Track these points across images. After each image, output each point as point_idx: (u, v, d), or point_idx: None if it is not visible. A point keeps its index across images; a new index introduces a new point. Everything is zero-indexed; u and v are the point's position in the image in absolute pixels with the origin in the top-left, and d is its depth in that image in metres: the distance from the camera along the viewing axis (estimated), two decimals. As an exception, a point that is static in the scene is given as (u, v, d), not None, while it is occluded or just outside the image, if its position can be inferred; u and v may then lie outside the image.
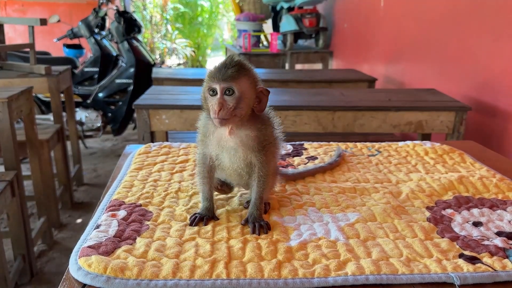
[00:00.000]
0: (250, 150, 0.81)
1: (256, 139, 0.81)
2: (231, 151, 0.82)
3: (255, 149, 0.81)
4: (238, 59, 0.78)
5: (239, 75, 0.77)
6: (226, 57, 0.80)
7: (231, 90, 0.76)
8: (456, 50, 2.34)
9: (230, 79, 0.76)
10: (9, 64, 2.61)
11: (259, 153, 0.82)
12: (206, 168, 0.86)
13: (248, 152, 0.82)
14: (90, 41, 3.79)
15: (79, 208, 2.73)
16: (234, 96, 0.76)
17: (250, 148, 0.81)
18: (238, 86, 0.76)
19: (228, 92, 0.76)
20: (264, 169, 0.83)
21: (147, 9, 8.17)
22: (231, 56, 0.79)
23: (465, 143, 1.40)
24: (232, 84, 0.76)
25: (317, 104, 2.01)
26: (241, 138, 0.81)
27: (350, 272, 0.67)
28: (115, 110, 3.77)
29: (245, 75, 0.78)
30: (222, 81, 0.76)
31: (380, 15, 3.37)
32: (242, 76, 0.77)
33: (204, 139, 0.84)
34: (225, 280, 0.65)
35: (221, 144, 0.82)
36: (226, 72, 0.76)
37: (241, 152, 0.82)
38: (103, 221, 0.81)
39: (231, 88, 0.76)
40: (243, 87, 0.77)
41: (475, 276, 0.67)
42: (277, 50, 4.38)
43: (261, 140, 0.81)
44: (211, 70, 0.78)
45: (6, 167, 1.83)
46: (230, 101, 0.76)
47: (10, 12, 6.16)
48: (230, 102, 0.76)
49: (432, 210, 0.90)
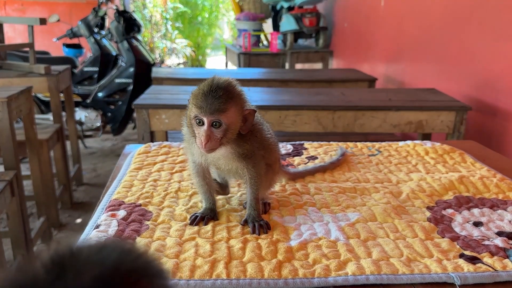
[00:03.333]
0: (232, 161, 0.81)
1: (236, 153, 0.80)
2: (216, 160, 0.82)
3: (236, 160, 0.81)
4: (225, 85, 0.74)
5: (226, 107, 0.73)
6: (211, 80, 0.75)
7: (219, 123, 0.74)
8: (456, 49, 2.33)
9: (218, 112, 0.73)
10: (8, 63, 2.60)
11: (243, 161, 0.81)
12: (200, 174, 0.86)
13: (230, 162, 0.82)
14: (89, 40, 3.78)
15: (78, 208, 2.73)
16: (222, 128, 0.74)
17: (231, 159, 0.81)
18: (225, 118, 0.74)
19: (215, 124, 0.74)
20: (252, 172, 0.82)
21: (146, 9, 8.16)
22: (216, 82, 0.74)
23: (466, 143, 1.40)
24: (220, 117, 0.73)
25: (317, 103, 2.01)
26: (221, 152, 0.80)
27: (350, 272, 0.67)
28: (114, 109, 3.76)
29: (232, 104, 0.74)
30: (210, 115, 0.73)
31: (380, 15, 3.36)
32: (229, 107, 0.74)
33: (189, 146, 0.84)
34: (225, 280, 0.65)
35: (205, 154, 0.81)
36: (213, 104, 0.72)
37: (224, 160, 0.82)
38: (102, 221, 0.81)
39: (219, 121, 0.74)
40: (230, 118, 0.74)
41: (476, 276, 0.67)
42: (277, 49, 4.38)
43: (241, 153, 0.80)
44: (197, 97, 0.74)
45: (6, 167, 1.83)
46: (217, 133, 0.74)
47: (10, 11, 6.15)
48: (218, 134, 0.74)
49: (433, 210, 0.90)
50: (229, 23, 10.41)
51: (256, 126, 0.83)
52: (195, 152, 0.83)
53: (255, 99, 2.10)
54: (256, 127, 0.83)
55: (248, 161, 0.81)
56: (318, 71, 3.63)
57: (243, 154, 0.80)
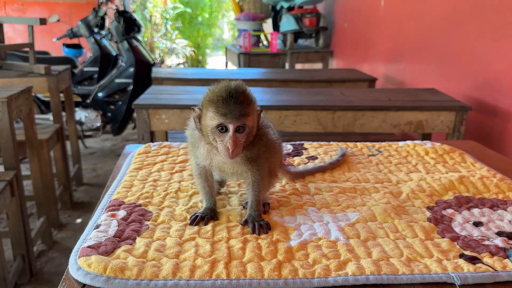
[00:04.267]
0: (238, 164, 0.82)
1: (244, 156, 0.80)
2: (220, 162, 0.82)
3: (242, 164, 0.81)
4: (242, 89, 0.74)
5: (249, 111, 0.74)
6: (225, 85, 0.74)
7: (243, 128, 0.75)
8: (456, 49, 2.33)
9: (243, 117, 0.73)
10: (8, 63, 2.60)
11: (249, 164, 0.81)
12: (202, 176, 0.86)
13: (236, 165, 0.82)
14: (89, 40, 3.78)
15: (78, 208, 2.73)
16: (245, 132, 0.75)
17: (237, 163, 0.81)
18: (248, 122, 0.75)
19: (239, 129, 0.74)
20: (257, 174, 0.83)
21: (147, 9, 8.17)
22: (233, 86, 0.73)
23: (466, 143, 1.40)
24: (244, 121, 0.74)
25: (317, 103, 2.01)
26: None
27: (350, 272, 0.67)
28: (114, 109, 3.76)
29: (252, 107, 0.75)
30: (236, 120, 0.73)
31: (380, 15, 3.36)
32: (251, 110, 0.75)
33: (194, 149, 0.84)
34: (225, 280, 0.65)
35: (210, 156, 0.82)
36: (237, 110, 0.72)
37: (230, 164, 0.82)
38: (102, 221, 0.81)
39: (244, 126, 0.74)
40: (252, 121, 0.76)
41: (476, 276, 0.67)
42: (277, 49, 4.38)
43: (248, 157, 0.81)
44: (218, 104, 0.73)
45: (6, 167, 1.83)
46: (241, 138, 0.75)
47: (10, 11, 6.16)
48: (242, 138, 0.75)
49: (433, 210, 0.90)
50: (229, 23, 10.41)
51: (262, 129, 0.83)
52: (200, 156, 0.83)
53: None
54: (263, 130, 0.83)
55: (253, 164, 0.81)
56: (318, 71, 3.63)
57: (250, 157, 0.81)
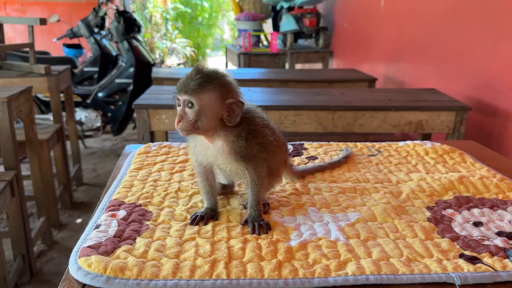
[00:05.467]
0: (229, 160, 0.81)
1: (232, 150, 0.80)
2: (214, 159, 0.82)
3: (234, 159, 0.80)
4: (206, 70, 0.76)
5: (201, 89, 0.74)
6: (198, 65, 0.78)
7: (191, 103, 0.75)
8: (456, 49, 2.33)
9: (190, 92, 0.74)
10: (8, 63, 2.60)
11: (242, 162, 0.81)
12: (202, 175, 0.86)
13: (228, 161, 0.81)
14: (89, 40, 3.78)
15: (78, 208, 2.73)
16: (194, 110, 0.75)
17: (228, 158, 0.81)
18: (197, 99, 0.75)
19: (188, 105, 0.75)
20: (253, 174, 0.82)
21: (147, 9, 8.17)
22: (198, 66, 0.77)
23: (466, 143, 1.40)
24: (191, 97, 0.75)
25: (317, 104, 2.01)
26: (217, 148, 0.80)
27: (350, 272, 0.67)
28: (114, 109, 3.76)
29: (208, 89, 0.75)
30: (184, 93, 0.75)
31: (380, 15, 3.37)
32: (204, 90, 0.75)
33: (193, 146, 0.85)
34: (225, 280, 0.65)
35: (205, 152, 0.82)
36: (188, 85, 0.75)
37: (223, 160, 0.81)
38: (102, 221, 0.81)
39: (191, 102, 0.75)
40: (203, 100, 0.75)
41: (476, 276, 0.67)
42: (277, 49, 4.38)
43: (237, 151, 0.80)
44: (180, 79, 0.77)
45: (6, 167, 1.83)
46: (190, 114, 0.76)
47: (10, 11, 6.16)
48: (190, 115, 0.76)
49: (433, 210, 0.90)
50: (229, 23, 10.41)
51: (257, 127, 0.82)
52: (198, 151, 0.84)
53: (255, 99, 2.10)
54: (258, 128, 0.82)
55: (248, 162, 0.81)
56: (318, 71, 3.63)
57: (240, 153, 0.80)
